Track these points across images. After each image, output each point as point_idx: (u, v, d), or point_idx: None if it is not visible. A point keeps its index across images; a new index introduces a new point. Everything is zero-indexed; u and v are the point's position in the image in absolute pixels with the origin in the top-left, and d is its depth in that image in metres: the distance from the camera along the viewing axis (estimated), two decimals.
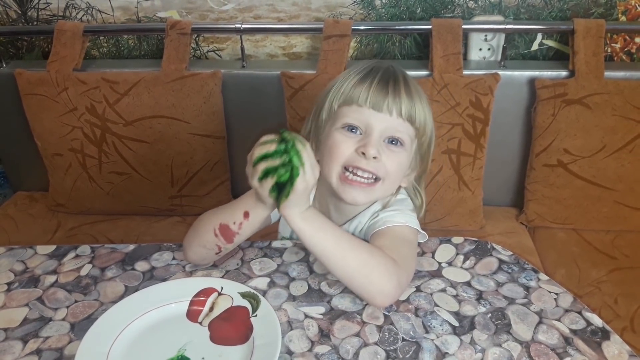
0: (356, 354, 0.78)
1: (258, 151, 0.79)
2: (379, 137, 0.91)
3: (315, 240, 0.84)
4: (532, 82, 1.54)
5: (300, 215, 0.83)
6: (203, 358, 0.77)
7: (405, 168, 0.97)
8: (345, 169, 0.92)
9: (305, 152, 0.79)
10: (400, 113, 0.91)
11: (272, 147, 0.79)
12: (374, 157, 0.90)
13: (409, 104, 0.91)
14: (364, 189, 0.92)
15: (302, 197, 0.81)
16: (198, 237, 0.92)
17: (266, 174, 0.79)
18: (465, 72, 1.52)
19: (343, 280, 0.86)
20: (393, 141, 0.92)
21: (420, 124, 0.93)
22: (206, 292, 0.87)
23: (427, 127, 0.96)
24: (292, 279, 0.93)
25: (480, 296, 0.89)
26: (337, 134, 0.93)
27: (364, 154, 0.90)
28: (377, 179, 0.92)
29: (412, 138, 0.94)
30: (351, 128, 0.92)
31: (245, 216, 0.87)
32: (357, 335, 0.81)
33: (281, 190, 0.80)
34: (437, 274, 0.94)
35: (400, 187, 1.01)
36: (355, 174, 0.91)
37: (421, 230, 0.99)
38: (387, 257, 0.85)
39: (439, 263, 0.96)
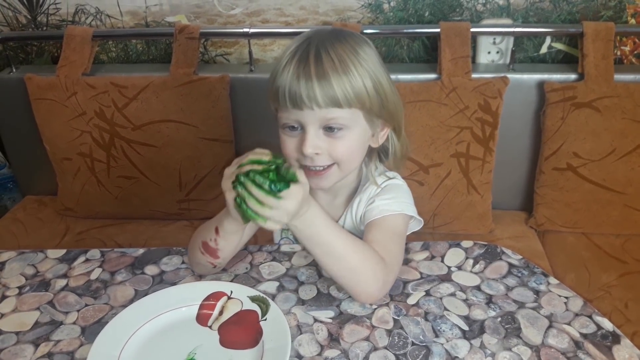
0: (366, 358, 0.78)
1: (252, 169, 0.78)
2: (314, 131, 0.87)
3: (307, 245, 0.84)
4: (541, 85, 1.54)
5: (293, 223, 0.81)
6: None
7: (356, 145, 0.92)
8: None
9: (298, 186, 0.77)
10: (319, 104, 0.84)
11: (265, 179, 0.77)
12: (316, 153, 0.88)
13: (325, 88, 0.84)
14: (322, 176, 0.92)
15: (290, 214, 0.78)
16: (192, 256, 0.94)
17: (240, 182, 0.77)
18: (474, 76, 1.52)
19: (331, 277, 0.87)
20: (331, 129, 0.88)
21: (350, 100, 0.85)
22: (216, 296, 0.87)
23: (364, 95, 0.87)
24: (301, 283, 0.93)
25: (490, 300, 0.88)
26: (282, 134, 0.92)
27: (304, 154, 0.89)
28: (331, 164, 0.92)
29: (351, 115, 0.88)
30: (290, 127, 0.90)
31: (216, 232, 0.88)
32: (367, 339, 0.81)
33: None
34: (446, 278, 0.94)
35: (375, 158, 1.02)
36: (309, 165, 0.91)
37: (417, 217, 0.99)
38: (378, 259, 0.86)
39: (449, 267, 0.96)
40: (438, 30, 1.54)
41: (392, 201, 0.97)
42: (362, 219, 0.99)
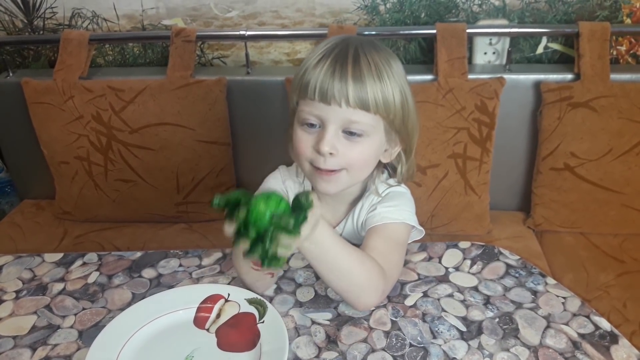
0: (363, 359, 0.78)
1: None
2: (334, 131, 0.87)
3: (314, 263, 0.82)
4: (537, 85, 1.54)
5: (304, 241, 0.77)
6: None
7: (371, 154, 0.92)
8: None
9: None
10: (349, 102, 0.84)
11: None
12: (330, 153, 0.87)
13: (358, 88, 0.84)
14: (331, 179, 0.91)
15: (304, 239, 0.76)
16: (249, 278, 0.90)
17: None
18: (471, 76, 1.52)
19: (334, 290, 0.86)
20: (351, 133, 0.87)
21: (378, 106, 0.86)
22: (213, 299, 0.87)
23: (391, 105, 0.88)
24: (299, 285, 0.93)
25: (487, 301, 0.88)
26: (298, 131, 0.91)
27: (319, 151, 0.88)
28: (342, 168, 0.91)
29: (374, 122, 0.88)
30: (309, 124, 0.89)
31: None
32: (365, 341, 0.81)
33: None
34: (444, 279, 0.94)
35: (383, 170, 1.02)
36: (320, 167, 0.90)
37: (418, 227, 0.98)
38: (380, 271, 0.84)
39: (446, 268, 0.96)
40: (434, 31, 1.54)
41: (395, 209, 0.96)
42: (363, 225, 0.99)
